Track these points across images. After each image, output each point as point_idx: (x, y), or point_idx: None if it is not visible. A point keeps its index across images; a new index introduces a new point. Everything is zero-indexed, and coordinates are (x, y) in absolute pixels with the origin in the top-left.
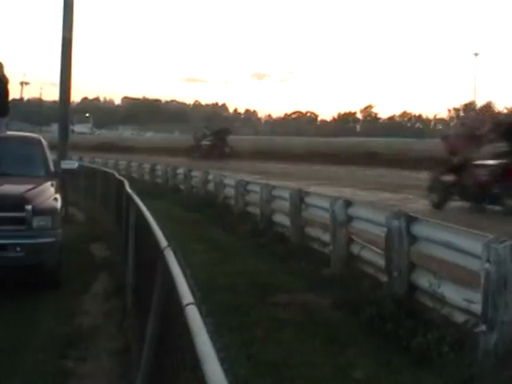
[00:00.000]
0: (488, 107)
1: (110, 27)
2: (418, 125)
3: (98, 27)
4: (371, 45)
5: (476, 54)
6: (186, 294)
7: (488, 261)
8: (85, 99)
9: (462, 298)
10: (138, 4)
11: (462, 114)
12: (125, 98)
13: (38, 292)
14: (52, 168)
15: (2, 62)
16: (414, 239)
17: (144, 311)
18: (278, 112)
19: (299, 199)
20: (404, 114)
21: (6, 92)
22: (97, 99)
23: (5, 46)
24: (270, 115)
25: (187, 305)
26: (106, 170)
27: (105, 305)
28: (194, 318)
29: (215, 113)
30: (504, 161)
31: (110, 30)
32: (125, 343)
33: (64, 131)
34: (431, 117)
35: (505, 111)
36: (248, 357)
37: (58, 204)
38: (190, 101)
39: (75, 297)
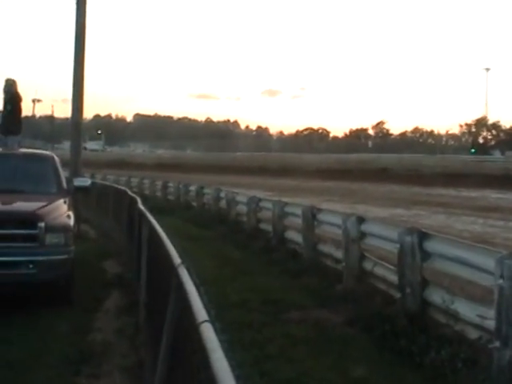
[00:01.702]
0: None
1: (122, 44)
2: (429, 140)
3: (110, 44)
4: (383, 61)
5: (487, 69)
6: (200, 311)
7: (501, 277)
8: (97, 116)
9: (475, 314)
10: (150, 21)
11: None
12: (136, 115)
13: (51, 309)
14: (64, 185)
15: (15, 80)
16: (426, 255)
17: (157, 328)
18: (289, 128)
19: (312, 216)
20: (416, 130)
21: (19, 110)
22: (109, 116)
23: (17, 64)
24: (281, 132)
25: (202, 322)
26: (118, 186)
27: (117, 321)
28: (209, 335)
29: (227, 129)
30: None
31: (122, 47)
32: (137, 360)
33: (76, 148)
34: (443, 132)
35: None
36: (261, 374)
37: (71, 221)
38: (201, 117)
39: (88, 313)
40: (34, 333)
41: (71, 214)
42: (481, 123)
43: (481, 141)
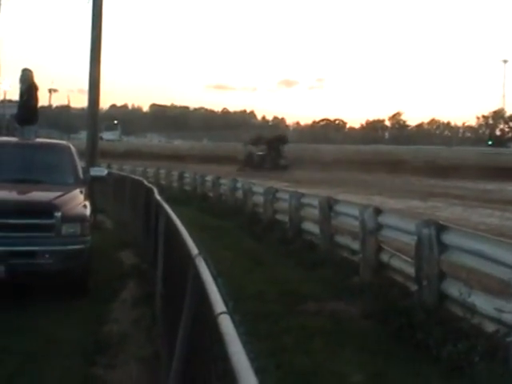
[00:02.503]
0: None
1: (139, 34)
2: (446, 132)
3: (127, 34)
4: (400, 52)
5: (505, 61)
6: (218, 302)
7: None
8: (113, 106)
9: (492, 308)
10: (166, 12)
11: (491, 121)
12: (153, 105)
13: (67, 299)
14: (81, 175)
15: (32, 70)
16: (444, 248)
17: (173, 319)
18: (306, 119)
19: (328, 207)
20: (432, 122)
21: (35, 99)
22: (125, 106)
23: (33, 53)
24: (298, 122)
25: (220, 314)
26: (135, 177)
27: (133, 312)
28: (227, 327)
29: (244, 120)
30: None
31: (139, 37)
32: (154, 351)
33: (93, 138)
34: (459, 124)
35: None
36: (277, 366)
37: (87, 211)
38: (218, 108)
39: (104, 304)
40: (51, 323)
41: (87, 203)
42: (498, 115)
43: (498, 133)
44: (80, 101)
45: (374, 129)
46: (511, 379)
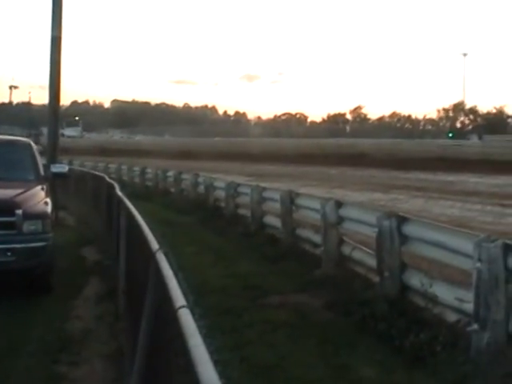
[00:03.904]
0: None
1: (100, 30)
2: (407, 125)
3: (87, 30)
4: (360, 46)
5: (465, 55)
6: (178, 297)
7: (479, 260)
8: (74, 103)
9: (453, 298)
10: (127, 6)
11: (451, 113)
12: (114, 101)
13: (30, 296)
14: (42, 172)
15: None
16: (405, 239)
17: (136, 315)
18: (267, 114)
19: (290, 200)
20: (393, 115)
21: None
22: (86, 102)
23: None
24: (259, 117)
25: (180, 308)
26: (96, 173)
27: (97, 309)
28: (187, 320)
29: (205, 115)
30: None
31: (100, 32)
32: (117, 347)
33: (54, 135)
34: (420, 117)
35: (494, 111)
36: (241, 359)
37: (49, 208)
38: (179, 103)
39: (67, 301)
40: (13, 321)
41: (49, 200)
42: (458, 108)
43: (458, 125)
44: (42, 97)
45: (335, 122)
46: (472, 368)
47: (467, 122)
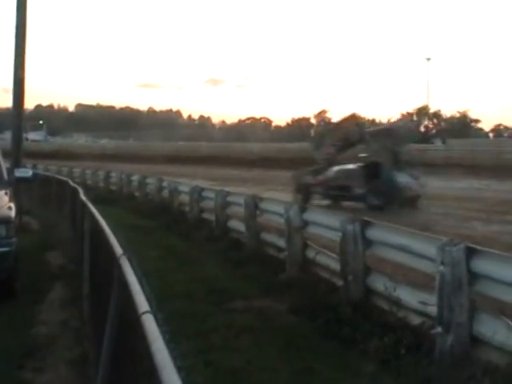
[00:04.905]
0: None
1: (65, 33)
2: (371, 129)
3: (53, 33)
4: (325, 50)
5: (428, 59)
6: (141, 302)
7: (442, 263)
8: (38, 106)
9: (417, 301)
10: (91, 10)
11: (415, 118)
12: (78, 105)
13: None
14: (5, 176)
15: None
16: (368, 243)
17: (101, 320)
18: (232, 118)
19: (254, 205)
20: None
21: None
22: (51, 106)
23: None
24: (224, 121)
25: (143, 313)
26: (61, 177)
27: (61, 314)
28: (150, 326)
29: (170, 119)
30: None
31: (65, 36)
32: (82, 352)
33: (17, 139)
34: (384, 121)
35: (457, 115)
36: (206, 364)
37: (12, 213)
38: (143, 107)
39: (31, 306)
40: None
41: (12, 205)
42: (422, 112)
43: (422, 129)
44: (5, 101)
45: (299, 127)
46: (436, 370)
47: (431, 126)
